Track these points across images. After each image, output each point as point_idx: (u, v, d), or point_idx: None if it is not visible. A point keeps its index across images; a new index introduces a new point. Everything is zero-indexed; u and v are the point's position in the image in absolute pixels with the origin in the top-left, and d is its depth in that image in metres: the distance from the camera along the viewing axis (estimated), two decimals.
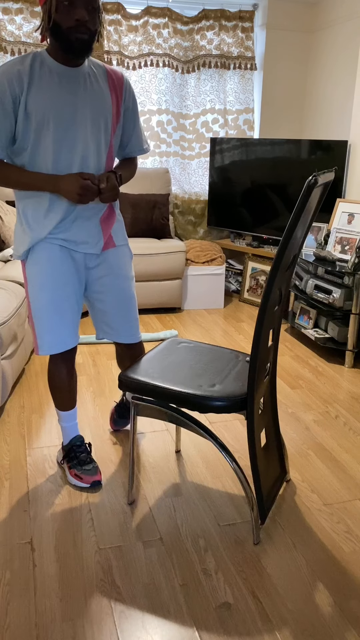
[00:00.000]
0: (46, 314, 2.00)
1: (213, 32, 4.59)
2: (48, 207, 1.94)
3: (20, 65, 1.81)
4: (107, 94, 1.95)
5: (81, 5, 1.75)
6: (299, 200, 1.60)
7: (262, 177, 4.55)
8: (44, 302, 1.99)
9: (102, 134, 1.95)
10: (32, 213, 1.96)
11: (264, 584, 1.71)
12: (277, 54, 4.74)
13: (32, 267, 2.00)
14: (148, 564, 1.78)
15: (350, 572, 1.77)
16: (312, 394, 3.03)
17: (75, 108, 1.87)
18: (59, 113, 1.85)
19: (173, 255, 4.19)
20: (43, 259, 1.98)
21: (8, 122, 1.82)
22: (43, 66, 1.84)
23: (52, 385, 2.18)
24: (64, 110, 1.85)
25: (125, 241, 2.15)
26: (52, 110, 1.83)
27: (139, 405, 1.98)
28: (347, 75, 4.33)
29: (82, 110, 1.88)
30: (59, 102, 1.84)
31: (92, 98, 1.91)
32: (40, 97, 1.81)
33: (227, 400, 1.78)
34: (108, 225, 2.07)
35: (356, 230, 3.66)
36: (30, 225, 1.97)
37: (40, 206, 1.95)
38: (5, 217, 3.81)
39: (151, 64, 4.53)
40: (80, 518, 1.99)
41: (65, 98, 1.85)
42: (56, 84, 1.84)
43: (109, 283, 2.11)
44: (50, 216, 1.95)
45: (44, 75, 1.83)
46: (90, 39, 1.81)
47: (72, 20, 1.76)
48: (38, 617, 1.58)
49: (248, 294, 4.71)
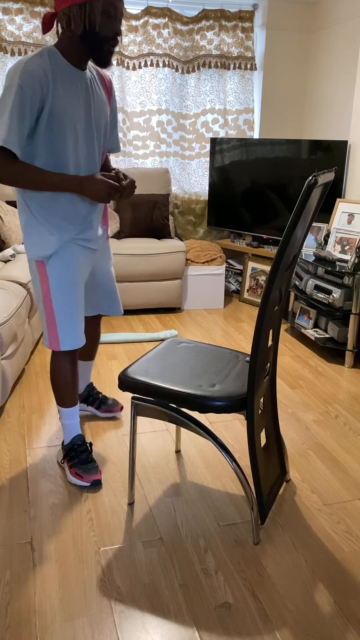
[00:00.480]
0: (70, 312, 2.07)
1: (213, 32, 4.59)
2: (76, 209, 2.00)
3: (43, 65, 1.80)
4: (105, 97, 2.04)
5: (120, 21, 1.85)
6: (299, 200, 1.60)
7: (262, 177, 4.55)
8: (69, 300, 2.06)
9: (102, 134, 2.04)
10: (61, 215, 1.99)
11: (264, 584, 1.71)
12: (277, 54, 4.74)
13: (57, 267, 2.03)
14: (148, 564, 1.79)
15: (350, 572, 1.77)
16: (312, 394, 3.03)
17: (89, 111, 1.95)
18: (79, 115, 1.91)
19: (173, 255, 4.19)
20: (68, 260, 2.03)
21: (30, 122, 1.81)
22: (59, 66, 1.84)
23: (56, 381, 2.20)
24: (81, 112, 1.92)
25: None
26: (73, 113, 1.88)
27: (139, 405, 1.98)
28: (347, 75, 4.33)
29: (92, 112, 1.96)
30: (77, 105, 1.90)
31: (97, 101, 1.99)
32: (62, 99, 1.84)
33: (227, 400, 1.78)
34: (105, 220, 2.22)
35: (356, 230, 3.66)
36: (56, 227, 1.99)
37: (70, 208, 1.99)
38: (5, 217, 3.81)
39: (151, 64, 4.54)
40: (80, 518, 1.99)
41: (81, 101, 1.91)
42: (73, 87, 1.88)
43: (102, 268, 2.30)
44: (79, 218, 2.03)
45: (62, 76, 1.85)
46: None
47: (111, 32, 1.84)
48: (38, 617, 1.58)
49: (248, 294, 4.71)
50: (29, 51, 4.25)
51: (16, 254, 3.64)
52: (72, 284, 2.05)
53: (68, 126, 1.87)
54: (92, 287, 2.31)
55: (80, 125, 1.92)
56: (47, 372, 3.20)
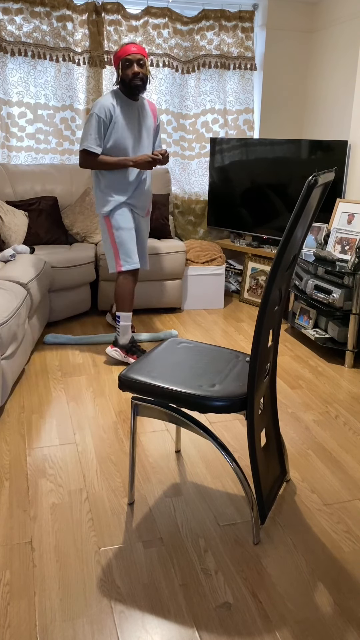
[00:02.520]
0: (126, 245, 3.28)
1: (213, 32, 4.59)
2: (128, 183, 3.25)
3: (111, 100, 3.15)
4: (151, 117, 3.34)
5: (135, 64, 3.09)
6: (299, 200, 1.60)
7: (262, 177, 4.55)
8: (125, 237, 3.27)
9: (150, 138, 3.35)
10: (117, 187, 3.24)
11: (264, 584, 1.71)
12: (277, 54, 4.74)
13: (115, 218, 3.26)
14: (148, 564, 1.79)
15: (350, 572, 1.77)
16: (312, 394, 3.03)
17: (139, 125, 3.26)
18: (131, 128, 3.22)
19: (173, 256, 4.19)
20: (121, 213, 3.27)
21: (105, 133, 3.16)
22: (120, 99, 3.19)
23: (120, 294, 3.31)
24: (133, 126, 3.23)
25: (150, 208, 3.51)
26: (127, 125, 3.20)
27: (139, 405, 1.98)
28: (347, 75, 4.33)
29: (141, 126, 3.26)
30: (130, 122, 3.21)
31: (145, 120, 3.29)
32: (121, 119, 3.16)
33: (227, 400, 1.78)
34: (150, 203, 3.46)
35: (356, 230, 3.66)
36: (113, 194, 3.25)
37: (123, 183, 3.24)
38: (5, 217, 3.81)
39: (151, 64, 4.53)
40: (80, 518, 1.99)
41: (133, 120, 3.22)
42: (128, 111, 3.20)
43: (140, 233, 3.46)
44: (129, 190, 3.28)
45: (122, 105, 3.18)
46: (143, 84, 3.13)
47: (130, 74, 3.10)
48: (38, 617, 1.58)
49: (248, 294, 4.71)
50: (29, 51, 4.25)
51: (16, 254, 3.63)
52: (125, 228, 3.27)
53: (124, 132, 3.19)
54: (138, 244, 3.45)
55: (133, 132, 3.22)
56: (47, 372, 3.21)
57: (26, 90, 4.36)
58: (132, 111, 3.20)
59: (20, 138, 4.45)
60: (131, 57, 3.07)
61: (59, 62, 4.34)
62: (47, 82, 4.38)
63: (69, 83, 4.41)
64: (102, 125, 3.12)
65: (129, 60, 3.08)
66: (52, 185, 4.37)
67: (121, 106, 3.15)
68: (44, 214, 4.20)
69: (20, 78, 4.33)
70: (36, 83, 4.35)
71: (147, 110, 3.31)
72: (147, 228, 3.50)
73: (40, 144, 4.49)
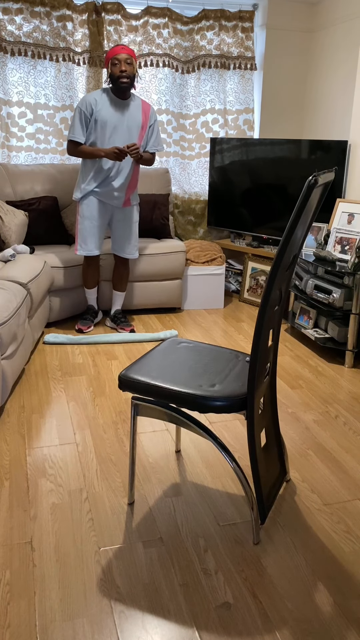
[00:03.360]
0: (85, 234, 3.65)
1: (213, 32, 4.59)
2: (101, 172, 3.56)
3: (96, 95, 3.49)
4: (140, 116, 3.55)
5: (122, 62, 3.37)
6: (299, 200, 1.60)
7: (262, 177, 4.55)
8: (86, 226, 3.63)
9: (135, 136, 3.56)
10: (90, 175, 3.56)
11: (264, 584, 1.71)
12: (277, 54, 4.74)
13: (82, 206, 3.63)
14: (148, 564, 1.79)
15: (350, 572, 1.77)
16: (312, 394, 3.03)
17: (121, 121, 3.50)
18: (111, 122, 3.48)
19: (173, 255, 4.19)
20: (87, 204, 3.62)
21: (87, 124, 3.49)
22: (107, 95, 3.51)
23: (83, 274, 3.86)
24: (113, 121, 3.49)
25: (136, 202, 3.75)
26: (110, 121, 3.48)
27: (139, 405, 1.98)
28: (347, 75, 4.33)
29: (126, 123, 3.51)
30: (114, 118, 3.49)
31: (132, 118, 3.52)
32: (103, 114, 3.47)
33: (227, 400, 1.78)
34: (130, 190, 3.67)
35: (356, 230, 3.66)
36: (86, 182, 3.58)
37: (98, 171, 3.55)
38: (5, 217, 3.81)
39: (151, 64, 4.54)
40: (80, 518, 1.99)
41: (118, 117, 3.49)
42: (114, 108, 3.50)
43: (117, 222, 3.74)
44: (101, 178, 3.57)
45: (108, 102, 3.49)
46: (130, 82, 3.42)
47: (118, 72, 3.39)
48: (38, 617, 1.58)
49: (248, 294, 4.71)
50: (29, 51, 4.25)
51: (16, 254, 3.63)
52: (88, 217, 3.62)
53: (106, 127, 3.48)
54: (112, 232, 3.78)
55: (116, 128, 3.50)
56: (47, 372, 3.21)
57: (26, 90, 4.36)
58: (119, 109, 3.48)
59: (20, 138, 4.45)
60: (119, 56, 3.37)
61: (59, 62, 4.34)
62: (47, 82, 4.38)
63: (69, 83, 4.41)
64: (84, 117, 3.46)
65: (117, 60, 3.37)
66: (52, 185, 4.36)
67: (107, 102, 3.46)
68: (44, 214, 4.20)
69: (20, 78, 4.33)
70: (36, 83, 4.35)
71: (138, 109, 3.54)
72: (127, 218, 3.71)
73: (40, 144, 4.49)
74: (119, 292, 3.96)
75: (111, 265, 4.07)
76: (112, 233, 3.76)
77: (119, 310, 3.98)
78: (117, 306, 3.98)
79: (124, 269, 3.87)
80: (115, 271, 3.89)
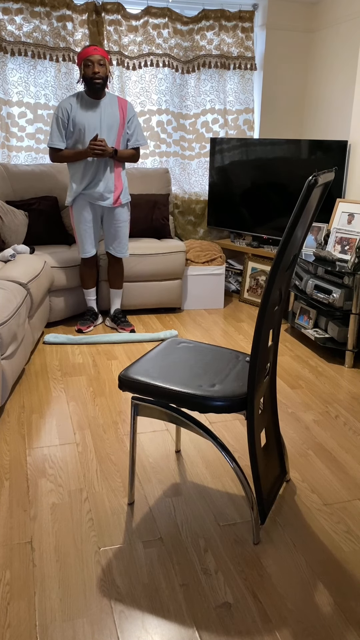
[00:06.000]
0: (80, 236, 3.74)
1: (213, 32, 4.59)
2: (85, 173, 3.59)
3: (70, 100, 3.51)
4: (117, 113, 3.56)
5: (95, 64, 3.39)
6: (299, 200, 1.60)
7: (262, 177, 4.55)
8: (80, 229, 3.72)
9: (114, 133, 3.57)
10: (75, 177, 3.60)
11: (264, 584, 1.71)
12: (277, 54, 4.74)
13: (74, 210, 3.71)
14: (148, 564, 1.79)
15: (350, 572, 1.77)
16: (312, 394, 3.03)
17: (99, 120, 3.52)
18: (89, 123, 3.51)
19: (173, 255, 4.19)
20: (77, 206, 3.69)
21: (65, 128, 3.53)
22: (81, 97, 3.53)
23: (79, 274, 3.92)
24: (91, 122, 3.51)
25: (127, 200, 3.76)
26: (87, 122, 3.51)
27: (139, 405, 1.98)
28: (347, 75, 4.33)
29: (101, 121, 3.53)
30: (91, 118, 3.51)
31: (108, 116, 3.54)
32: (79, 116, 3.50)
33: (227, 400, 1.78)
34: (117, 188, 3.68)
35: (356, 230, 3.66)
36: (73, 184, 3.62)
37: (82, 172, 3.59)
38: (5, 217, 3.81)
39: (151, 64, 4.53)
40: (80, 518, 1.99)
41: (94, 116, 3.52)
42: (89, 109, 3.52)
43: (109, 221, 3.77)
44: (86, 179, 3.61)
45: (82, 104, 3.52)
46: (103, 83, 3.45)
47: (91, 73, 3.41)
48: (38, 617, 1.58)
49: (248, 294, 4.71)
50: (29, 51, 4.25)
51: (16, 254, 3.63)
52: (81, 222, 3.71)
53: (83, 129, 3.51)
54: (104, 231, 3.82)
55: (94, 128, 3.52)
56: (47, 372, 3.21)
57: (26, 90, 4.36)
58: (95, 109, 3.52)
59: (20, 138, 4.45)
60: (92, 57, 3.38)
61: (59, 62, 4.34)
62: (47, 82, 4.38)
63: (69, 83, 4.40)
64: (60, 122, 3.50)
65: (90, 61, 3.39)
66: (52, 185, 4.36)
67: (81, 105, 3.50)
68: (44, 214, 4.20)
69: (20, 78, 4.33)
70: (36, 83, 4.35)
71: (114, 106, 3.55)
72: (117, 217, 3.74)
73: (40, 144, 4.49)
74: (115, 289, 3.98)
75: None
76: (104, 232, 3.80)
77: (119, 310, 3.99)
78: (117, 305, 4.00)
79: (119, 266, 3.90)
80: (110, 269, 3.92)
